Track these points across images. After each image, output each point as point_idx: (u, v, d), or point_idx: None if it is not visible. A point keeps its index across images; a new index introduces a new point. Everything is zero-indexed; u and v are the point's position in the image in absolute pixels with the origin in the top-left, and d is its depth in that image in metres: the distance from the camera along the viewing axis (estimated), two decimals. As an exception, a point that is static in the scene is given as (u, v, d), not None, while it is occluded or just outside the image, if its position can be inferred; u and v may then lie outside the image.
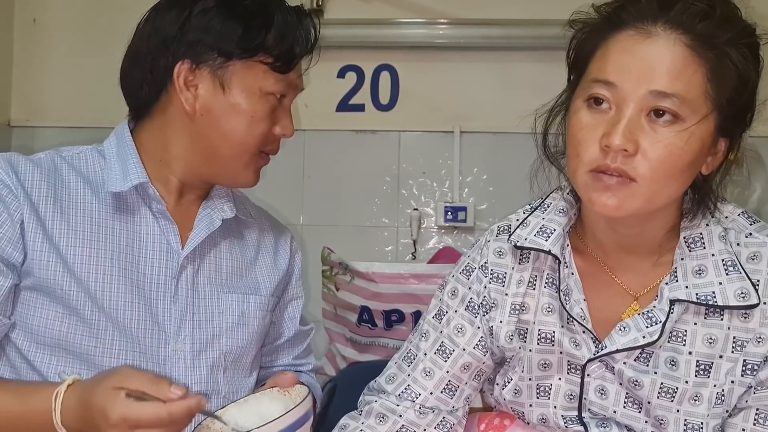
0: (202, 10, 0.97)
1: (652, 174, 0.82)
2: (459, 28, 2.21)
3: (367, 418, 1.03)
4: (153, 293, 1.00)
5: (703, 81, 0.81)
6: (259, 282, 1.13)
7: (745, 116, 0.87)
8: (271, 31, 0.98)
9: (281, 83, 1.02)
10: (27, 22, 2.36)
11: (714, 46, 0.81)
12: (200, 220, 1.05)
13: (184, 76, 0.98)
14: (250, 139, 1.01)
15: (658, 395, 0.89)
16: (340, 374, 1.99)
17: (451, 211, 2.20)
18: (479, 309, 1.02)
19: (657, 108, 0.81)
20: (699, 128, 0.82)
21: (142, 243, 1.01)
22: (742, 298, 0.86)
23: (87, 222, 0.97)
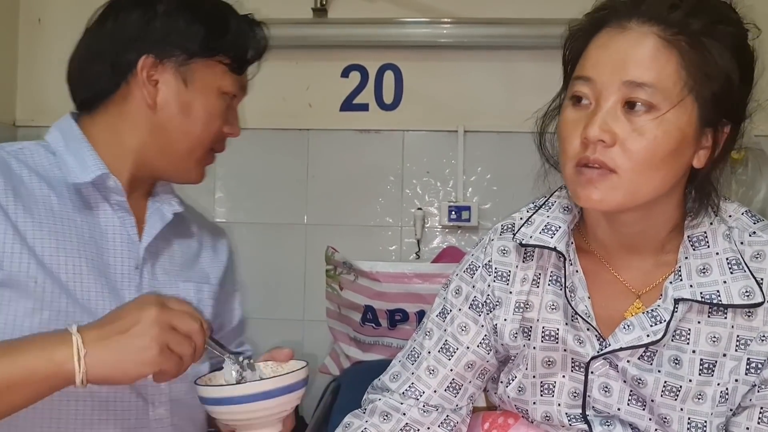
0: (167, 12, 1.02)
1: (631, 164, 0.83)
2: (463, 27, 2.21)
3: (371, 416, 1.03)
4: (119, 283, 1.01)
5: (677, 69, 0.82)
6: (207, 272, 1.17)
7: (734, 107, 0.86)
8: (228, 35, 1.05)
9: (236, 84, 1.08)
10: (32, 22, 2.37)
11: (686, 34, 0.82)
12: (152, 214, 1.07)
13: (148, 71, 1.01)
14: (205, 136, 1.05)
15: (662, 394, 0.89)
16: (344, 373, 1.99)
17: (455, 210, 2.21)
18: (483, 307, 1.02)
19: (631, 98, 0.82)
20: (676, 117, 0.82)
21: (104, 235, 1.02)
22: (746, 297, 0.86)
23: (50, 216, 0.96)
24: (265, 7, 2.27)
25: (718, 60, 0.83)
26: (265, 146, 2.31)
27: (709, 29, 0.83)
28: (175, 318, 0.85)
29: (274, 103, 2.31)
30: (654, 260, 0.94)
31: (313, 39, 2.26)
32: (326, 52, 2.28)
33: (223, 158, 2.46)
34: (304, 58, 2.30)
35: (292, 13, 2.26)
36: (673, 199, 0.91)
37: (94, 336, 0.82)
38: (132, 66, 1.01)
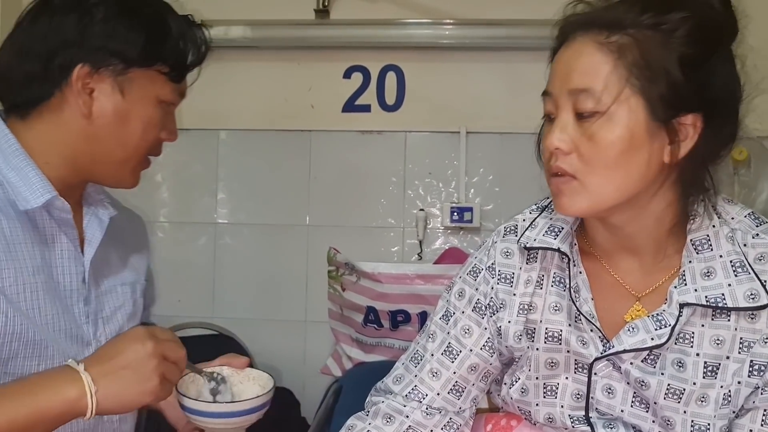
0: (105, 18, 0.97)
1: (587, 168, 0.86)
2: (465, 28, 2.20)
3: (374, 418, 1.03)
4: (69, 300, 1.01)
5: (615, 68, 0.84)
6: (137, 268, 1.18)
7: (695, 96, 0.84)
8: (168, 41, 1.01)
9: (175, 92, 1.04)
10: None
11: (618, 31, 0.84)
12: (90, 222, 1.06)
13: (83, 80, 0.97)
14: (143, 143, 1.03)
15: (665, 396, 0.89)
16: (347, 375, 1.99)
17: (457, 211, 2.20)
18: (486, 310, 1.02)
19: (578, 105, 0.85)
20: (622, 116, 0.83)
21: (52, 253, 1.00)
22: (752, 299, 0.85)
23: (3, 243, 0.93)
24: (268, 8, 2.28)
25: (662, 51, 0.83)
26: (267, 147, 2.31)
27: (639, 21, 0.84)
28: (167, 349, 0.91)
29: (276, 104, 2.31)
30: (654, 263, 0.94)
31: (315, 40, 2.26)
32: (328, 53, 2.28)
33: (225, 159, 2.48)
34: (306, 59, 2.30)
35: (294, 14, 2.26)
36: (661, 198, 0.90)
37: (99, 372, 0.86)
38: (66, 73, 0.96)
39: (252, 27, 2.22)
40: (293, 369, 2.26)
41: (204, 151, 2.34)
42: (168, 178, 2.36)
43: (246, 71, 2.31)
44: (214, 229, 2.35)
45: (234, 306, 2.32)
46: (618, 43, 0.84)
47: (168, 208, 2.36)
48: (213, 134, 2.33)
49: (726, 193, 0.97)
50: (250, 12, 2.27)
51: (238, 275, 2.32)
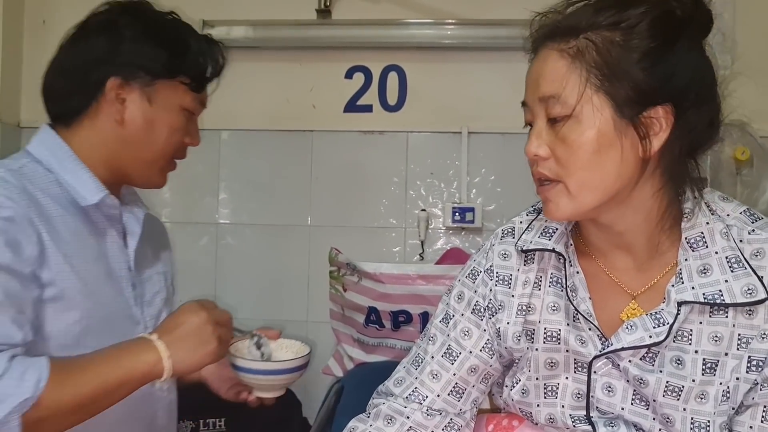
0: (133, 37, 1.13)
1: (565, 171, 0.88)
2: (467, 28, 2.20)
3: (375, 420, 1.04)
4: (120, 285, 1.16)
5: (573, 71, 0.86)
6: (165, 260, 1.33)
7: (662, 87, 0.85)
8: (189, 56, 1.16)
9: (196, 101, 1.19)
10: (36, 24, 2.38)
11: (576, 35, 0.87)
12: (129, 218, 1.20)
13: (116, 90, 1.12)
14: (168, 146, 1.17)
15: (664, 394, 0.89)
16: (348, 375, 1.99)
17: (458, 211, 2.20)
18: (485, 312, 1.02)
19: (548, 111, 0.89)
20: (589, 117, 0.86)
21: (106, 244, 1.15)
22: (749, 295, 0.85)
23: (70, 235, 1.07)
24: (269, 8, 2.28)
25: (620, 49, 0.85)
26: (269, 147, 2.31)
27: (593, 24, 0.86)
28: (217, 315, 1.08)
29: (278, 104, 2.31)
30: (648, 261, 0.94)
31: (317, 40, 2.26)
32: (330, 53, 2.28)
33: (227, 159, 2.48)
34: (307, 59, 2.30)
35: (296, 14, 2.26)
36: (646, 193, 0.90)
37: (169, 340, 1.02)
38: (101, 86, 1.12)
39: (254, 27, 2.23)
40: (295, 369, 2.26)
41: (206, 151, 2.33)
42: (170, 178, 2.34)
43: (248, 71, 2.31)
44: (216, 229, 2.35)
45: (236, 306, 2.31)
46: (575, 47, 0.87)
47: (170, 208, 2.37)
48: (215, 134, 2.33)
49: (728, 193, 0.97)
50: (252, 12, 2.27)
51: (240, 275, 2.33)
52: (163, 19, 1.18)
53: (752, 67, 2.07)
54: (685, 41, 0.86)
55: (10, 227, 0.99)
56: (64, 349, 1.03)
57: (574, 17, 0.89)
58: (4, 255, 0.97)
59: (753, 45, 2.05)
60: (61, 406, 0.94)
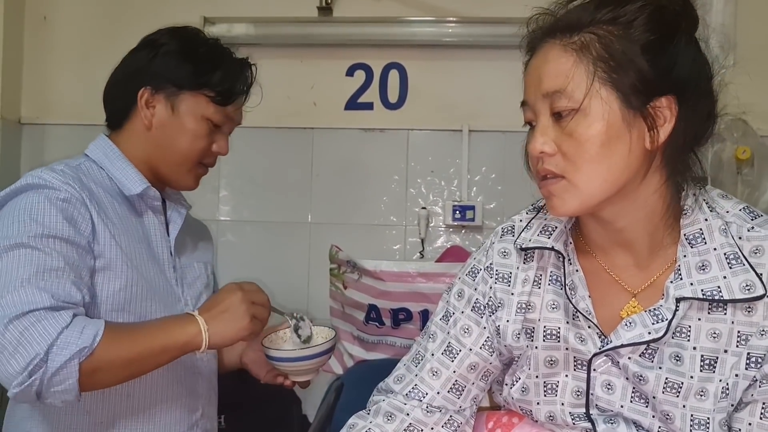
0: (167, 53, 1.29)
1: (572, 165, 0.88)
2: (468, 26, 2.21)
3: (375, 416, 1.04)
4: (162, 266, 1.32)
5: (580, 65, 0.86)
6: (205, 253, 1.50)
7: (665, 78, 0.86)
8: (217, 73, 1.29)
9: (219, 113, 1.31)
10: (37, 20, 2.38)
11: (578, 31, 0.88)
12: (172, 213, 1.37)
13: (146, 99, 1.28)
14: (191, 152, 1.31)
15: (663, 390, 0.89)
16: (348, 372, 1.99)
17: (459, 209, 2.20)
18: (485, 309, 1.03)
19: (553, 107, 0.89)
20: (596, 110, 0.86)
21: (148, 231, 1.32)
22: (747, 291, 0.86)
23: (117, 218, 1.24)
24: (271, 6, 2.28)
25: (623, 42, 0.85)
26: (270, 145, 2.31)
27: (596, 18, 0.87)
28: (253, 296, 1.22)
29: (279, 101, 2.31)
30: (649, 258, 0.94)
31: (318, 38, 2.26)
32: (331, 50, 2.29)
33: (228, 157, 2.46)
34: (309, 57, 2.30)
35: (297, 12, 2.26)
36: (650, 188, 0.91)
37: (208, 317, 1.16)
38: (136, 94, 1.28)
39: (255, 24, 2.23)
40: (295, 366, 2.27)
41: (206, 148, 2.34)
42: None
43: (249, 68, 2.31)
44: (216, 226, 2.35)
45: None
46: (579, 41, 0.87)
47: (170, 205, 2.37)
48: (215, 131, 2.33)
49: (729, 192, 0.97)
50: (253, 9, 2.27)
51: (240, 272, 2.31)
52: (200, 41, 1.33)
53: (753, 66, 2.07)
54: (682, 35, 0.87)
55: (67, 206, 1.16)
56: (113, 312, 1.19)
57: (574, 14, 0.90)
58: (64, 228, 1.14)
59: (754, 44, 2.05)
60: (113, 360, 1.07)
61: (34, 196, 1.17)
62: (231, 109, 1.33)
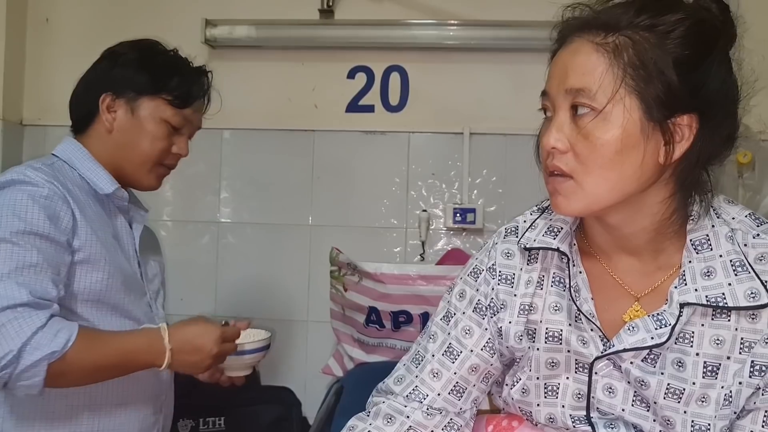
0: (126, 61, 1.39)
1: (582, 167, 0.87)
2: (469, 29, 2.21)
3: (375, 419, 1.03)
4: (131, 261, 1.41)
5: (610, 68, 0.85)
6: (158, 250, 1.59)
7: (690, 96, 0.84)
8: (174, 78, 1.38)
9: (177, 116, 1.40)
10: (39, 22, 2.38)
11: (614, 32, 0.86)
12: (135, 213, 1.46)
13: (107, 104, 1.37)
14: (151, 153, 1.39)
15: (665, 396, 0.89)
16: (348, 375, 1.99)
17: (460, 212, 2.20)
18: (487, 311, 1.02)
19: (574, 104, 0.87)
20: (617, 116, 0.84)
21: (118, 228, 1.40)
22: (752, 299, 0.85)
23: (93, 214, 1.32)
24: (272, 8, 2.29)
25: (657, 52, 0.84)
26: (271, 147, 2.31)
27: (634, 22, 0.85)
28: (223, 351, 1.31)
29: (280, 103, 2.31)
30: (653, 263, 0.94)
31: (320, 40, 2.26)
32: (332, 53, 2.29)
33: (229, 158, 2.48)
34: (310, 59, 2.30)
35: (298, 14, 2.26)
36: (657, 198, 0.90)
37: (178, 346, 1.24)
38: (98, 100, 1.37)
39: (257, 26, 2.23)
40: (295, 368, 2.27)
41: (207, 150, 2.34)
42: (171, 176, 2.33)
43: (250, 70, 2.32)
44: (217, 228, 2.35)
45: (236, 305, 2.33)
46: (614, 43, 0.85)
47: (171, 206, 2.37)
48: (216, 133, 2.34)
49: (731, 196, 0.96)
50: (254, 12, 2.27)
51: (241, 274, 2.33)
52: (158, 50, 1.43)
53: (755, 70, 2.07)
54: (717, 54, 0.86)
55: (50, 204, 1.23)
56: (89, 303, 1.28)
57: (612, 13, 0.87)
58: (45, 226, 1.20)
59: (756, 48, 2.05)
60: (81, 366, 1.15)
61: (17, 193, 1.22)
62: (189, 112, 1.42)
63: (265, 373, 2.21)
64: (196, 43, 2.25)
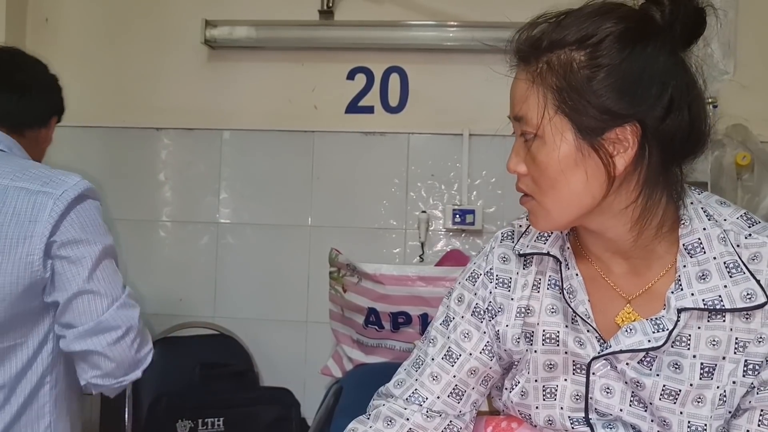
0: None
1: (537, 188, 0.91)
2: (469, 30, 2.20)
3: (375, 421, 1.04)
4: None
5: (534, 93, 0.88)
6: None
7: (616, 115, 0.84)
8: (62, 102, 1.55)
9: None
10: (39, 22, 2.38)
11: (538, 55, 0.88)
12: None
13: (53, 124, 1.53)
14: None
15: (660, 397, 0.89)
16: (347, 376, 1.99)
17: (459, 213, 2.20)
18: (485, 314, 1.03)
19: (520, 131, 0.91)
20: (550, 138, 0.87)
21: None
22: (748, 299, 0.85)
23: None
24: (272, 9, 2.29)
25: (579, 74, 0.84)
26: (270, 147, 2.31)
27: (568, 39, 0.85)
28: None
29: (280, 104, 2.31)
30: (644, 265, 0.94)
31: (319, 41, 2.26)
32: (332, 54, 2.29)
33: (229, 159, 2.48)
34: (309, 60, 2.30)
35: (298, 15, 2.26)
36: (621, 204, 0.89)
37: None
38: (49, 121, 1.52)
39: (256, 27, 2.23)
40: (294, 369, 2.26)
41: (207, 150, 2.35)
42: (171, 177, 2.37)
43: (250, 71, 2.32)
44: (217, 228, 2.35)
45: (235, 306, 2.33)
46: (539, 69, 0.87)
47: (171, 207, 2.37)
48: (216, 134, 2.34)
49: (729, 198, 0.97)
50: (254, 12, 2.27)
51: (240, 275, 2.33)
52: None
53: (753, 72, 2.07)
54: (652, 49, 0.85)
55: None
56: None
57: (537, 36, 0.89)
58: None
59: (754, 51, 2.05)
60: None
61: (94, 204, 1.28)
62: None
63: (265, 374, 2.22)
64: (196, 43, 2.26)
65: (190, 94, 2.33)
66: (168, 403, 1.96)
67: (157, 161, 2.37)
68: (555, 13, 0.89)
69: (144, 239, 2.36)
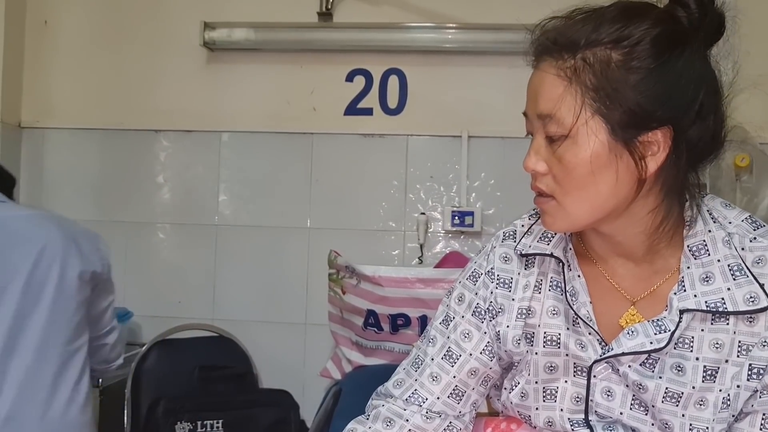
0: None
1: (560, 188, 0.88)
2: (468, 32, 2.21)
3: (374, 422, 1.03)
4: None
5: (570, 92, 0.85)
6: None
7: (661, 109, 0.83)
8: None
9: None
10: (38, 24, 2.38)
11: (574, 53, 0.85)
12: None
13: None
14: None
15: (663, 400, 0.89)
16: (346, 378, 1.99)
17: (458, 215, 2.20)
18: (486, 314, 1.02)
19: (545, 129, 0.88)
20: (583, 137, 0.85)
21: None
22: (751, 303, 0.85)
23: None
24: (271, 11, 2.29)
25: (619, 70, 0.83)
26: (269, 149, 2.31)
27: (605, 39, 0.84)
28: None
29: (279, 106, 2.31)
30: (650, 267, 0.94)
31: (318, 43, 2.26)
32: (331, 56, 2.29)
33: (227, 161, 2.47)
34: (309, 62, 2.30)
35: (297, 17, 2.26)
36: (645, 209, 0.90)
37: None
38: None
39: (255, 29, 2.23)
40: (293, 371, 2.26)
41: (206, 152, 2.35)
42: (170, 179, 2.37)
43: (249, 73, 2.32)
44: (216, 230, 2.35)
45: (234, 308, 2.33)
46: (573, 66, 0.85)
47: (169, 209, 2.37)
48: (215, 136, 2.34)
49: (728, 199, 0.96)
50: (253, 14, 2.27)
51: (239, 277, 2.33)
52: None
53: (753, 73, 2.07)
54: (689, 54, 0.84)
55: None
56: None
57: (573, 31, 0.87)
58: None
59: (754, 51, 2.05)
60: None
61: None
62: None
63: (264, 376, 2.22)
64: (195, 45, 2.26)
65: (189, 96, 2.34)
66: (167, 405, 1.96)
67: (156, 163, 2.36)
68: (586, 10, 0.88)
69: (143, 241, 2.36)
